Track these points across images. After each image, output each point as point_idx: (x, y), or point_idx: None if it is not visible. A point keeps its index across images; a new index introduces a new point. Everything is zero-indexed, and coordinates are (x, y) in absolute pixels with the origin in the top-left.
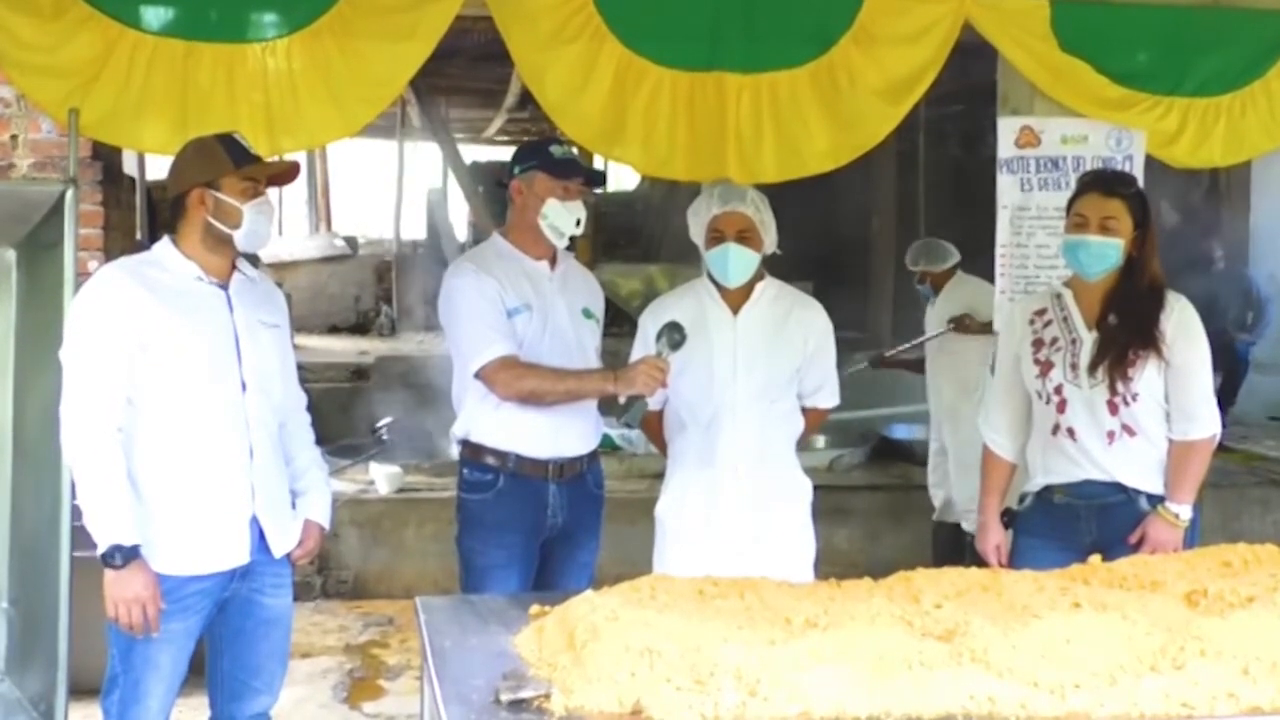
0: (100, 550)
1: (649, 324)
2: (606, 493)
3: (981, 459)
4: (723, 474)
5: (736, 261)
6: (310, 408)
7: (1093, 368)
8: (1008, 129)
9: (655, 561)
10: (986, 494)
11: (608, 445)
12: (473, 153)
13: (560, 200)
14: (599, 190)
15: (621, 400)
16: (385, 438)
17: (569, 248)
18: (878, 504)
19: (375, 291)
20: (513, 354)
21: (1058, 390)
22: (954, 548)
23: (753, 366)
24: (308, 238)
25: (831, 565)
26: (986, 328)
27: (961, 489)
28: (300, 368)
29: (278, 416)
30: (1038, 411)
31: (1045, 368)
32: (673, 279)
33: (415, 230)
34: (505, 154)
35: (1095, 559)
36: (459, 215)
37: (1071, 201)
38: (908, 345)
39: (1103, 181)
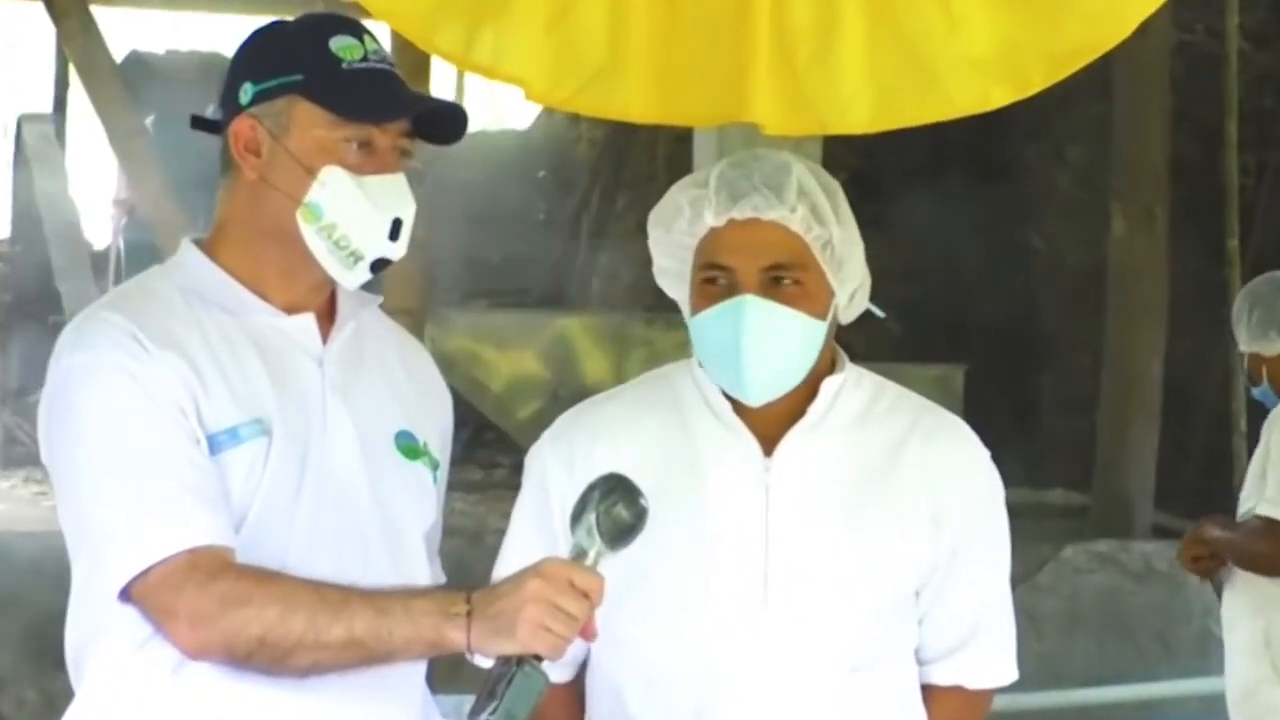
0: None
1: (560, 475)
2: None
3: None
4: None
5: (764, 343)
6: None
7: None
8: None
9: None
10: None
11: None
12: (132, 30)
13: (352, 173)
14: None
15: (481, 660)
16: None
17: (369, 285)
18: None
19: None
20: (219, 544)
21: None
22: None
23: (810, 584)
24: None
25: None
26: None
27: None
28: None
29: None
30: None
31: None
32: (618, 348)
33: None
34: (217, 35)
35: None
36: (93, 186)
37: None
38: None
39: None
